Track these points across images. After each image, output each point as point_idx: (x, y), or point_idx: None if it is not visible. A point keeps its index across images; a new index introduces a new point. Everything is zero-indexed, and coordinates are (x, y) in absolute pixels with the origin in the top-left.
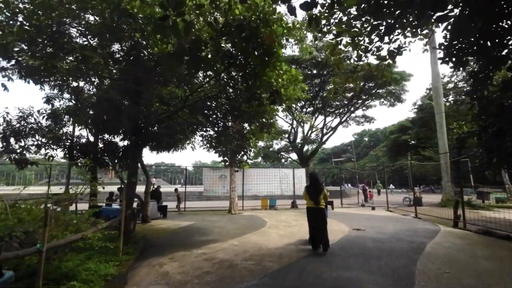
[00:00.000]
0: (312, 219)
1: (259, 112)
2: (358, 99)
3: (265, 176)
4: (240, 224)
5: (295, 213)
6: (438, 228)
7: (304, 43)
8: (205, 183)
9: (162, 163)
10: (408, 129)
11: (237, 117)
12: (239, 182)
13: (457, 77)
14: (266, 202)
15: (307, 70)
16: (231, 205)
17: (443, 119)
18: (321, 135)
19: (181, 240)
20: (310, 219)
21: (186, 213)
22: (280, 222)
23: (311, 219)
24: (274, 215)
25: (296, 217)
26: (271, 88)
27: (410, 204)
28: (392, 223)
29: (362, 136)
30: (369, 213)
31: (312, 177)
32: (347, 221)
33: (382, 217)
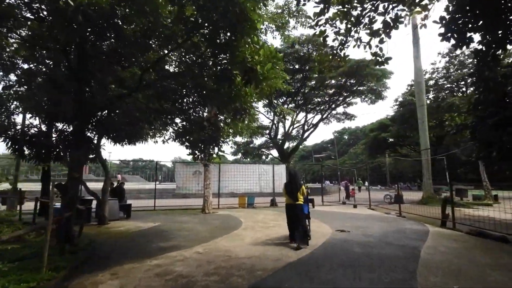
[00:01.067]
0: (291, 215)
1: (232, 96)
2: (339, 96)
3: (243, 172)
4: (212, 226)
5: (274, 212)
6: (426, 229)
7: (285, 29)
8: (178, 179)
9: (140, 159)
10: (387, 127)
11: (204, 99)
12: (215, 179)
13: (437, 73)
14: (243, 200)
15: (289, 64)
16: (205, 204)
17: (425, 115)
18: (302, 131)
19: (136, 247)
20: (288, 215)
21: (155, 213)
22: (257, 223)
23: (289, 215)
24: (251, 214)
25: (275, 217)
26: (245, 67)
27: (391, 201)
28: (377, 222)
29: (342, 134)
30: (351, 211)
31: (291, 174)
32: (329, 221)
33: (365, 216)
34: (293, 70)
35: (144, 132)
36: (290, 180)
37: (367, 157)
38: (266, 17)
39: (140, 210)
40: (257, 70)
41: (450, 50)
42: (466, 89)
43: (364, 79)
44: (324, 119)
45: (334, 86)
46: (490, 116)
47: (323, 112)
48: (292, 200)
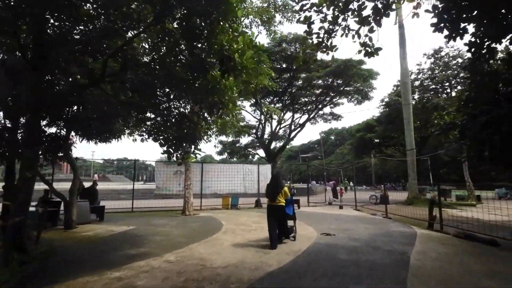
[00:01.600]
0: (271, 216)
1: (209, 88)
2: (326, 96)
3: (226, 172)
4: (190, 229)
5: (258, 213)
6: (414, 231)
7: (271, 24)
8: (158, 179)
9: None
10: (373, 127)
11: (178, 91)
12: (197, 179)
13: (423, 74)
14: (227, 201)
15: (277, 63)
16: (185, 205)
17: (410, 115)
18: (289, 131)
19: (99, 256)
20: (269, 216)
21: (132, 215)
22: (239, 226)
23: (269, 216)
24: (234, 216)
25: (258, 218)
26: (222, 55)
27: (377, 202)
28: (363, 224)
29: (329, 134)
30: (337, 212)
31: (273, 175)
32: (315, 223)
33: (351, 218)
34: (280, 69)
35: (117, 128)
36: (272, 181)
37: (353, 157)
38: (251, 10)
39: (118, 212)
40: (235, 59)
41: (435, 51)
42: (450, 90)
43: (351, 79)
44: (311, 119)
45: (321, 86)
46: (482, 114)
47: (310, 112)
48: (273, 201)
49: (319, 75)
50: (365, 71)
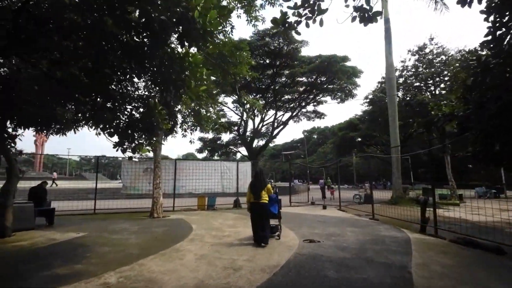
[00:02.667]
0: (255, 214)
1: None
2: (310, 94)
3: (203, 170)
4: (151, 236)
5: (235, 214)
6: (406, 236)
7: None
8: (125, 178)
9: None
10: (356, 126)
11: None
12: (170, 177)
13: (407, 71)
14: (203, 201)
15: (260, 59)
16: (154, 207)
17: (395, 112)
18: (272, 128)
19: (13, 278)
20: (252, 214)
21: (93, 218)
22: (210, 231)
23: (253, 214)
24: (208, 218)
25: (235, 221)
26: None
27: (361, 201)
28: (350, 228)
29: (312, 133)
30: (320, 213)
31: (256, 172)
32: (297, 226)
33: (336, 219)
34: (263, 65)
35: (61, 115)
36: (255, 178)
37: (336, 156)
38: None
39: (77, 214)
40: (194, 17)
41: (419, 48)
42: (434, 88)
43: (335, 76)
44: (294, 116)
45: (304, 84)
46: (490, 101)
47: (293, 110)
48: (256, 198)
49: (303, 71)
50: (349, 68)
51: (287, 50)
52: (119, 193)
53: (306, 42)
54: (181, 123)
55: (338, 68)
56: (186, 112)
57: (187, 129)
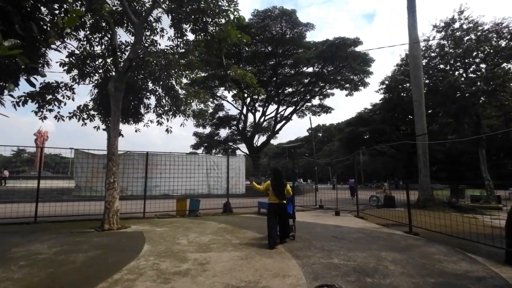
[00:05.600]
0: (275, 214)
1: None
2: (315, 86)
3: (183, 166)
4: (50, 273)
5: (220, 225)
6: (493, 273)
7: None
8: (78, 175)
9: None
10: (366, 120)
11: None
12: (139, 175)
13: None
14: (183, 205)
15: (261, 46)
16: (106, 215)
17: (422, 96)
18: (274, 123)
19: None
20: (271, 214)
21: (23, 229)
22: (165, 258)
23: (272, 214)
24: (179, 231)
25: (214, 237)
26: None
27: (379, 204)
28: (387, 253)
29: (317, 131)
30: (334, 222)
31: (276, 171)
32: (303, 248)
33: (359, 234)
34: (265, 54)
35: None
36: (276, 179)
37: (342, 154)
38: None
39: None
40: None
41: (446, 23)
42: (463, 71)
43: (344, 62)
44: (297, 110)
45: (309, 74)
46: None
47: (297, 104)
48: (278, 199)
49: (308, 57)
50: (361, 53)
51: (291, 35)
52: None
53: (312, 25)
54: (156, 106)
55: (349, 53)
56: (159, 91)
57: (163, 114)
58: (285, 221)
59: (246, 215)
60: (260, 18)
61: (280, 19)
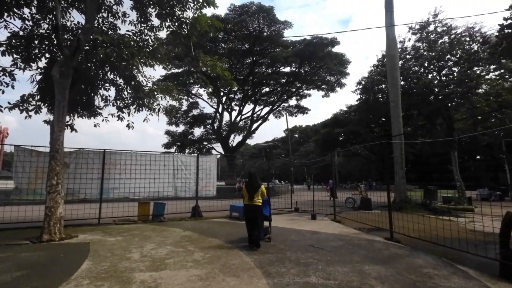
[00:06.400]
0: (249, 216)
1: None
2: (292, 86)
3: (146, 165)
4: None
5: (185, 232)
6: None
7: None
8: (18, 176)
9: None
10: (341, 121)
11: None
12: (94, 176)
13: (406, 53)
14: (146, 210)
15: (238, 43)
16: (47, 223)
17: (398, 96)
18: (250, 122)
19: None
20: (247, 217)
21: None
22: (106, 280)
23: (248, 217)
24: (134, 241)
25: (174, 249)
26: None
27: (355, 206)
28: (371, 266)
29: (293, 132)
30: (311, 227)
31: (250, 174)
32: (275, 261)
33: (338, 242)
34: (242, 52)
35: None
36: (249, 180)
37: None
38: None
39: None
40: None
41: (421, 25)
42: (436, 74)
43: (321, 62)
44: (274, 110)
45: (286, 74)
46: None
47: (274, 104)
48: (250, 200)
49: (285, 55)
50: (338, 54)
51: (268, 33)
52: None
53: (290, 23)
54: (115, 98)
55: (326, 53)
56: (120, 81)
57: (124, 107)
58: (260, 223)
59: (217, 219)
60: (237, 13)
61: (257, 15)
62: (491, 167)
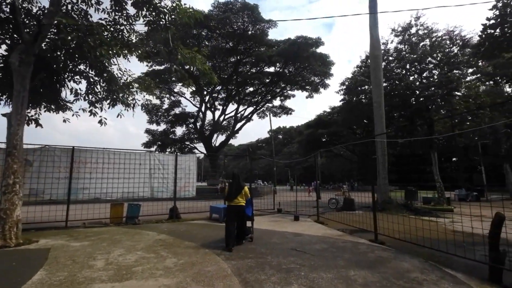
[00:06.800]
0: (231, 216)
1: None
2: (276, 87)
3: (120, 164)
4: None
5: (160, 236)
6: None
7: None
8: None
9: None
10: (325, 122)
11: None
12: (61, 176)
13: (389, 55)
14: (119, 211)
15: (221, 40)
16: (1, 227)
17: (381, 97)
18: (234, 122)
19: None
20: (228, 217)
21: None
22: None
23: (229, 217)
24: (101, 246)
25: (146, 254)
26: None
27: (338, 207)
28: (356, 271)
29: (277, 133)
30: (293, 229)
31: (233, 175)
32: (255, 267)
33: (321, 245)
34: (226, 50)
35: None
36: (233, 181)
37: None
38: None
39: None
40: None
41: (404, 28)
42: (418, 76)
43: (306, 62)
44: (258, 110)
45: (271, 74)
46: None
47: (258, 104)
48: (234, 201)
49: (270, 54)
50: (322, 55)
51: (253, 31)
52: None
53: (274, 22)
54: (87, 92)
55: (310, 53)
56: (92, 75)
57: (96, 102)
58: (242, 224)
59: (196, 221)
60: (220, 10)
61: (241, 13)
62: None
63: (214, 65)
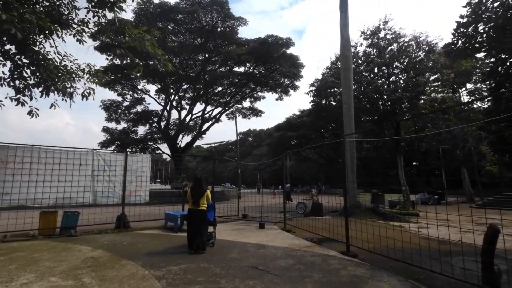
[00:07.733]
0: (193, 221)
1: None
2: (246, 88)
3: (53, 164)
4: None
5: (96, 252)
6: None
7: None
8: None
9: None
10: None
11: None
12: None
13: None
14: (51, 221)
15: (189, 36)
16: None
17: (351, 98)
18: (201, 122)
19: None
20: (190, 221)
21: None
22: None
23: (191, 221)
24: (8, 271)
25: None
26: None
27: (306, 212)
28: None
29: (247, 135)
30: (256, 240)
31: (196, 178)
32: None
33: (287, 260)
34: (193, 47)
35: None
36: (195, 185)
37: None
38: None
39: None
40: None
41: (372, 31)
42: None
43: (276, 63)
44: (227, 110)
45: (240, 74)
46: None
47: (227, 104)
48: (195, 205)
49: (240, 52)
50: (293, 56)
51: (222, 28)
52: None
53: (245, 20)
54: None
55: (281, 54)
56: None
57: (24, 89)
58: (203, 229)
59: (147, 231)
60: (188, 3)
61: (210, 8)
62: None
63: (181, 62)
